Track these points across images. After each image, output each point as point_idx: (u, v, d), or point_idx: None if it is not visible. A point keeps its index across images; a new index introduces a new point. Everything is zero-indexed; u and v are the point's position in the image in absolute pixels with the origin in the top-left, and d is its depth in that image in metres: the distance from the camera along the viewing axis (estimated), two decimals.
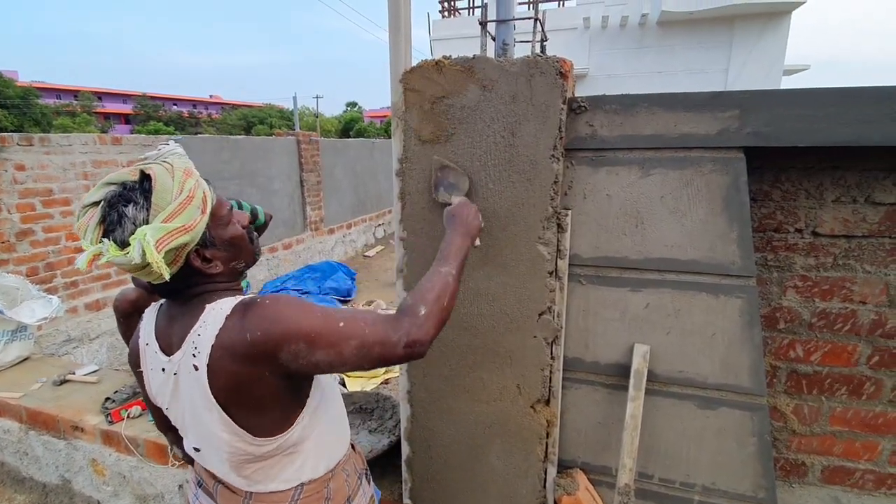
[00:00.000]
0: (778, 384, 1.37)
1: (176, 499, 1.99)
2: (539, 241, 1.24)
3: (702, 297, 1.23)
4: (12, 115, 27.46)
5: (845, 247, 1.25)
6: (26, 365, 2.58)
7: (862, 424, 1.32)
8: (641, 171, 1.21)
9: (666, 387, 1.30)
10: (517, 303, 1.29)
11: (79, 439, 2.12)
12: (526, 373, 1.33)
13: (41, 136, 3.46)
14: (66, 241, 3.71)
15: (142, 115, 41.93)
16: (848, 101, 1.03)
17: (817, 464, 1.38)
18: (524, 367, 1.33)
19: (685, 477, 1.34)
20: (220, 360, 0.79)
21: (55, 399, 2.25)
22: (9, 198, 3.30)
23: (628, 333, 1.30)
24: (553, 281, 1.27)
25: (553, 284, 1.27)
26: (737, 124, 1.12)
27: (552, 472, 1.39)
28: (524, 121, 1.18)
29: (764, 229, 1.30)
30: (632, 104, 1.18)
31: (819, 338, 1.31)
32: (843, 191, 1.22)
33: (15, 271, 3.28)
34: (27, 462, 2.27)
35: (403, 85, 1.26)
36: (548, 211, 1.22)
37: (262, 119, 43.30)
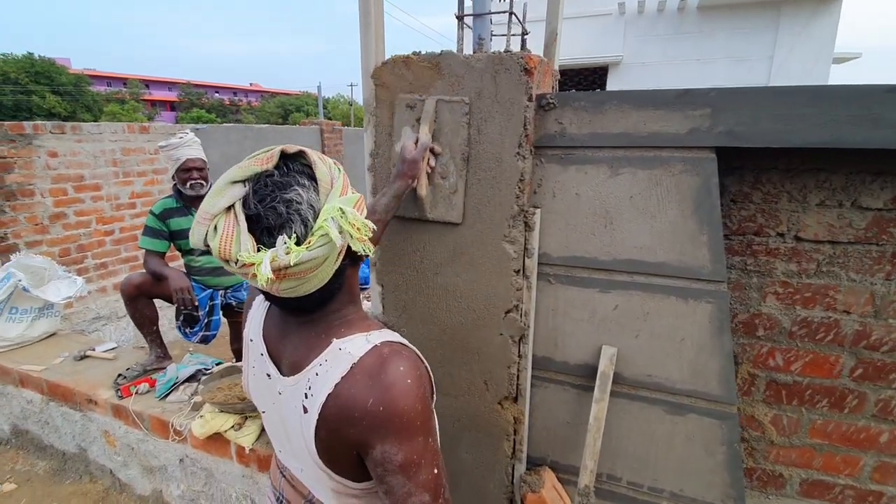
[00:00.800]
0: (756, 393, 1.32)
1: (177, 471, 2.11)
2: (505, 239, 1.24)
3: (671, 301, 1.19)
4: (65, 102, 28.98)
5: (829, 253, 1.18)
6: (52, 340, 2.76)
7: (843, 438, 1.26)
8: (611, 170, 1.18)
9: (634, 390, 1.28)
10: (484, 300, 1.30)
11: (93, 411, 2.27)
12: (493, 369, 1.34)
13: (73, 125, 3.65)
14: (96, 225, 3.92)
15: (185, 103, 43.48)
16: (821, 100, 0.97)
17: (795, 476, 1.33)
18: (491, 363, 1.33)
19: (653, 482, 1.32)
20: (331, 416, 0.66)
21: (74, 373, 2.41)
22: (42, 183, 3.51)
23: (597, 334, 1.28)
24: (520, 279, 1.26)
25: (520, 283, 1.26)
26: (708, 123, 1.07)
27: (520, 469, 1.40)
28: (489, 118, 1.17)
29: (744, 232, 1.25)
30: (601, 101, 1.15)
31: (800, 347, 1.25)
32: (829, 194, 1.15)
33: (48, 252, 3.51)
34: (48, 431, 2.45)
35: (374, 81, 1.27)
36: (513, 209, 1.21)
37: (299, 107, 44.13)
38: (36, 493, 2.31)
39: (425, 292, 1.36)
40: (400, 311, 1.40)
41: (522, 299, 1.27)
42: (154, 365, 2.37)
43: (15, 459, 2.54)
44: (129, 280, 2.27)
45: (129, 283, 2.26)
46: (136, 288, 2.25)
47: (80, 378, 2.36)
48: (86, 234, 3.85)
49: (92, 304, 3.87)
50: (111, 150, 3.93)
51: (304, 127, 6.40)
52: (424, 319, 1.38)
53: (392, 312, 1.41)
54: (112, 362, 2.52)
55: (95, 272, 3.93)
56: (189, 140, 2.36)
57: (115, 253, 4.10)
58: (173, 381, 2.21)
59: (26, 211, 3.45)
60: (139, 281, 2.26)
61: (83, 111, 29.23)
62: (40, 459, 2.49)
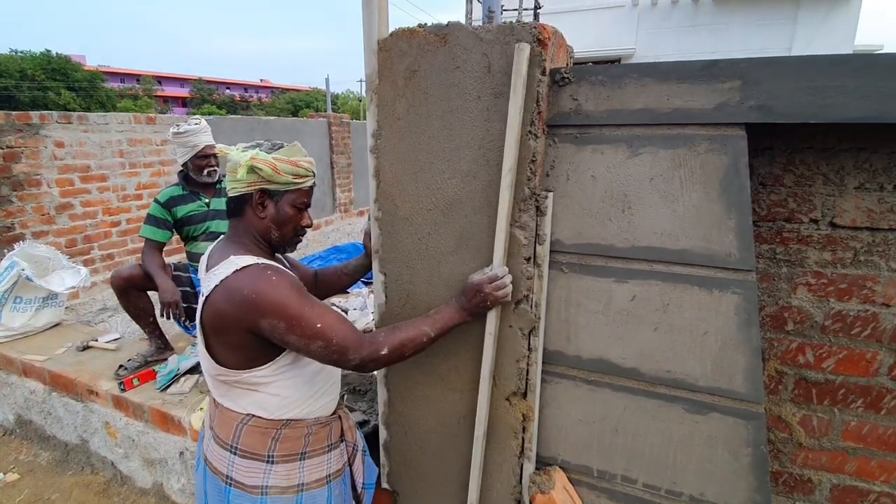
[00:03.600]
0: (784, 392, 1.24)
1: (178, 465, 2.07)
2: (515, 224, 1.16)
3: (693, 292, 1.11)
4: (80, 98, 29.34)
5: (868, 241, 1.09)
6: (56, 331, 2.75)
7: (879, 442, 1.17)
8: (630, 149, 1.10)
9: (652, 387, 1.20)
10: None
11: (94, 402, 2.24)
12: (501, 363, 1.27)
13: (79, 115, 3.64)
14: (102, 216, 3.91)
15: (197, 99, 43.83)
16: (866, 70, 0.88)
17: (825, 481, 1.24)
18: (500, 357, 1.26)
19: (671, 484, 1.23)
20: (216, 297, 1.02)
21: (76, 364, 2.39)
22: (49, 173, 3.50)
23: (612, 327, 1.20)
24: (531, 268, 1.19)
25: (531, 271, 1.19)
26: (738, 97, 0.99)
27: (528, 469, 1.33)
28: (500, 94, 1.09)
29: (773, 218, 1.16)
30: (620, 75, 1.06)
31: (833, 342, 1.16)
32: (869, 176, 1.06)
33: (54, 243, 3.50)
34: (51, 421, 2.43)
35: (377, 56, 1.19)
36: (524, 192, 1.14)
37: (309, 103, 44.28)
38: (38, 484, 2.29)
39: (430, 281, 1.28)
40: (403, 302, 1.33)
41: (533, 289, 1.19)
42: (155, 356, 2.33)
43: (18, 450, 2.52)
44: (118, 273, 2.22)
45: (118, 276, 2.21)
46: (125, 280, 2.20)
47: (82, 369, 2.34)
48: (92, 224, 3.84)
49: (98, 295, 3.86)
50: (117, 141, 3.91)
51: (312, 120, 6.36)
52: (429, 310, 1.30)
53: (395, 302, 1.35)
54: (114, 353, 2.50)
55: (102, 263, 3.92)
56: (204, 126, 2.31)
57: (122, 244, 4.09)
58: (174, 372, 2.17)
59: (33, 201, 3.45)
60: (128, 273, 2.21)
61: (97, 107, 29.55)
62: (43, 450, 2.48)
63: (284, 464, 1.14)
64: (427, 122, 1.18)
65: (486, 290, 1.12)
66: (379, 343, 1.04)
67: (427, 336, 1.09)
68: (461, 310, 1.14)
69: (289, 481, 1.14)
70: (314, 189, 1.19)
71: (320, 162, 6.39)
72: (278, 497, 1.12)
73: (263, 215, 1.12)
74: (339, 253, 5.85)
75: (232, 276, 1.01)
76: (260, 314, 0.97)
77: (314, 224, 6.29)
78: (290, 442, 1.14)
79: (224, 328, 1.02)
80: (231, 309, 0.99)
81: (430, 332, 1.10)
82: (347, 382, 2.05)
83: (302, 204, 1.15)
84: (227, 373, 1.08)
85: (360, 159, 7.18)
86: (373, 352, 1.03)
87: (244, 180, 1.08)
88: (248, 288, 0.98)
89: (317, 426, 1.19)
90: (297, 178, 1.11)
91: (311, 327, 0.99)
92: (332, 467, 1.22)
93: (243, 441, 1.12)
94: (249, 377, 1.08)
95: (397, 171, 1.25)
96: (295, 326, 0.98)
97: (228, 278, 1.01)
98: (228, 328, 1.02)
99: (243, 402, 1.12)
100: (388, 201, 1.28)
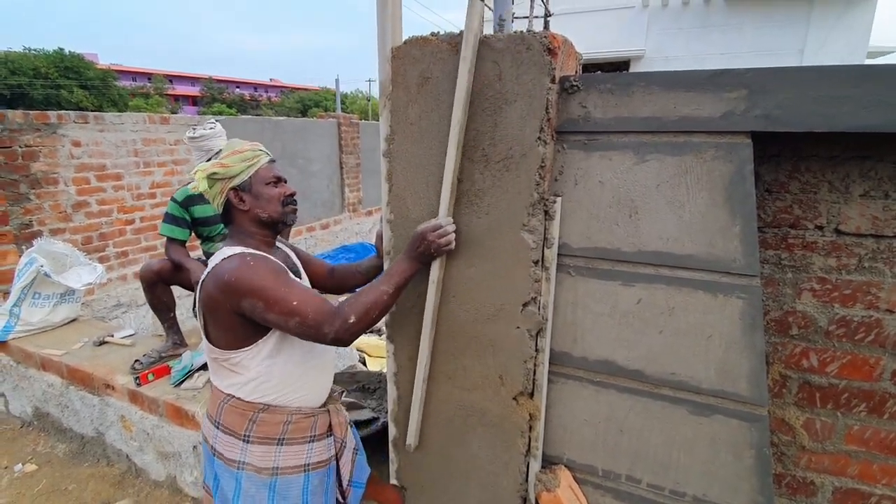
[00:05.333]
0: (787, 395, 1.25)
1: (191, 458, 2.12)
2: (524, 228, 1.19)
3: (698, 296, 1.13)
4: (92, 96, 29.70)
5: (873, 247, 1.11)
6: (73, 326, 2.81)
7: (882, 446, 1.18)
8: (637, 156, 1.12)
9: (657, 388, 1.22)
10: (500, 292, 1.25)
11: (110, 396, 2.30)
12: (509, 364, 1.29)
13: (95, 115, 3.71)
14: (117, 214, 3.99)
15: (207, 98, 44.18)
16: (870, 81, 0.90)
17: (828, 484, 1.26)
18: (507, 357, 1.29)
19: (675, 485, 1.26)
20: (207, 282, 1.14)
21: (92, 358, 2.45)
22: (66, 171, 3.58)
23: (618, 330, 1.23)
24: (539, 271, 1.21)
25: (538, 274, 1.22)
26: (744, 106, 1.01)
27: (535, 467, 1.36)
28: (510, 101, 1.12)
29: (779, 225, 1.18)
30: (627, 83, 1.09)
31: (837, 347, 1.18)
32: (874, 184, 1.08)
33: (71, 240, 3.57)
34: (68, 414, 2.49)
35: (391, 63, 1.23)
36: (533, 197, 1.16)
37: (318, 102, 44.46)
38: (56, 475, 2.35)
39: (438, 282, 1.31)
40: (412, 303, 1.37)
41: (541, 292, 1.22)
42: (170, 352, 2.38)
43: (36, 441, 2.59)
44: (149, 266, 2.28)
45: (148, 269, 2.27)
46: (155, 274, 2.26)
47: (98, 363, 2.39)
48: (107, 222, 3.91)
49: (112, 292, 3.94)
50: (132, 140, 3.99)
51: (322, 121, 6.42)
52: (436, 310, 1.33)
53: (403, 303, 1.38)
54: (130, 348, 2.55)
55: (116, 260, 4.00)
56: (219, 130, 2.34)
57: (136, 242, 4.17)
58: (188, 368, 2.22)
59: (50, 199, 3.52)
60: (158, 267, 2.27)
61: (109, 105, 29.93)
62: (60, 442, 2.54)
63: (261, 445, 1.21)
64: (439, 128, 1.21)
65: (429, 238, 1.17)
66: (346, 312, 1.09)
67: (386, 293, 1.15)
68: (409, 259, 1.20)
69: (264, 462, 1.21)
70: (275, 163, 1.28)
71: (329, 161, 6.45)
72: (254, 474, 1.20)
73: (246, 207, 1.22)
74: (347, 252, 5.91)
75: (219, 263, 1.13)
76: (241, 295, 1.08)
77: (323, 223, 6.38)
78: (266, 426, 1.21)
79: (213, 310, 1.13)
80: (217, 292, 1.10)
81: (389, 290, 1.15)
82: (358, 380, 2.08)
83: (272, 179, 1.24)
84: (216, 351, 1.19)
85: (369, 159, 7.23)
86: (343, 321, 1.08)
87: (213, 191, 1.20)
88: (228, 273, 1.09)
89: (298, 416, 1.24)
90: (249, 161, 1.21)
91: (287, 305, 1.07)
92: (313, 458, 1.26)
93: (224, 418, 1.22)
94: (233, 357, 1.17)
95: (409, 175, 1.28)
96: (273, 305, 1.07)
97: (216, 265, 1.13)
98: (216, 310, 1.13)
99: (226, 382, 1.22)
100: (400, 204, 1.31)
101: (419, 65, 1.19)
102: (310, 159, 6.07)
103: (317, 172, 6.22)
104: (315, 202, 6.17)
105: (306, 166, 6.02)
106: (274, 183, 1.24)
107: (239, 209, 1.22)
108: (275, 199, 1.23)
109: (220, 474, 1.24)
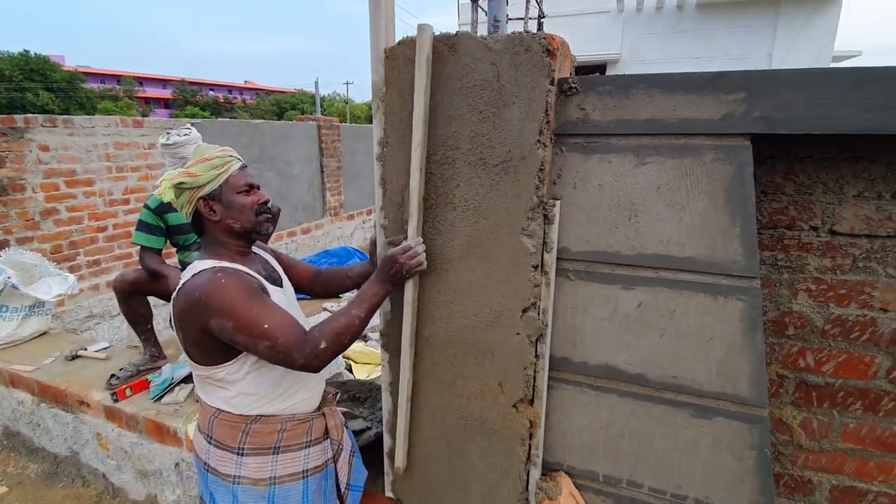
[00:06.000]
0: (784, 395, 1.26)
1: (173, 476, 2.03)
2: (523, 232, 1.17)
3: (699, 298, 1.13)
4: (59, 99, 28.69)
5: (867, 247, 1.12)
6: (43, 339, 2.68)
7: (877, 443, 1.20)
8: (636, 159, 1.11)
9: (658, 392, 1.21)
10: (500, 297, 1.23)
11: (85, 413, 2.19)
12: (508, 371, 1.27)
13: (64, 118, 3.55)
14: (88, 221, 3.83)
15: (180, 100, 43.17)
16: (867, 83, 0.90)
17: (825, 482, 1.27)
18: (506, 364, 1.27)
19: (676, 488, 1.25)
20: (177, 299, 1.10)
21: (65, 374, 2.33)
22: (33, 177, 3.41)
23: (619, 334, 1.22)
24: (538, 275, 1.19)
25: (538, 279, 1.19)
26: (743, 108, 1.01)
27: (535, 475, 1.33)
28: (508, 103, 1.10)
29: (775, 226, 1.18)
30: (627, 85, 1.08)
31: (833, 347, 1.19)
32: (867, 185, 1.09)
33: (39, 249, 3.41)
34: (39, 433, 2.37)
35: (384, 63, 1.19)
36: (533, 201, 1.14)
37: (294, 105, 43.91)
38: (28, 497, 2.23)
39: (436, 288, 1.28)
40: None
41: (541, 297, 1.20)
42: (148, 365, 2.29)
43: (6, 462, 2.45)
44: (124, 276, 2.18)
45: (123, 280, 2.17)
46: (130, 285, 2.16)
47: (71, 379, 2.28)
48: (78, 230, 3.75)
49: (84, 303, 3.78)
50: (104, 145, 3.83)
51: (301, 123, 6.31)
52: (434, 317, 1.30)
53: (399, 310, 1.34)
54: (105, 362, 2.44)
55: (88, 269, 3.83)
56: (195, 136, 2.24)
57: (109, 250, 4.01)
58: (168, 381, 2.13)
59: (17, 206, 3.36)
60: (134, 277, 2.17)
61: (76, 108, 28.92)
62: (32, 462, 2.41)
63: (255, 456, 1.18)
64: (433, 131, 1.18)
65: (400, 261, 1.15)
66: (316, 338, 1.06)
67: (358, 318, 1.12)
68: (382, 282, 1.17)
69: (260, 473, 1.18)
70: (248, 169, 1.23)
71: (310, 165, 6.35)
72: (250, 488, 1.18)
73: (217, 217, 1.16)
74: (330, 257, 5.81)
75: (189, 279, 1.08)
76: (209, 314, 1.03)
77: (304, 228, 6.27)
78: (260, 436, 1.18)
79: (184, 327, 1.10)
80: (186, 309, 1.06)
81: (361, 314, 1.12)
82: (347, 390, 2.03)
83: (244, 187, 1.18)
84: (198, 368, 1.15)
85: (350, 163, 7.15)
86: (313, 348, 1.05)
87: (181, 201, 1.15)
88: (199, 290, 1.04)
89: (293, 423, 1.22)
90: (218, 170, 1.15)
91: (258, 328, 1.03)
92: (311, 463, 1.24)
93: (216, 432, 1.19)
94: (215, 373, 1.14)
95: (403, 179, 1.24)
96: (242, 327, 1.02)
97: (186, 281, 1.08)
98: (187, 327, 1.09)
99: (213, 397, 1.19)
100: (394, 209, 1.28)
101: (413, 66, 1.16)
102: (289, 162, 5.96)
103: (297, 176, 6.11)
104: (296, 206, 6.06)
105: (286, 170, 5.90)
106: (246, 191, 1.18)
107: (210, 219, 1.17)
108: (247, 209, 1.18)
109: (214, 490, 1.20)
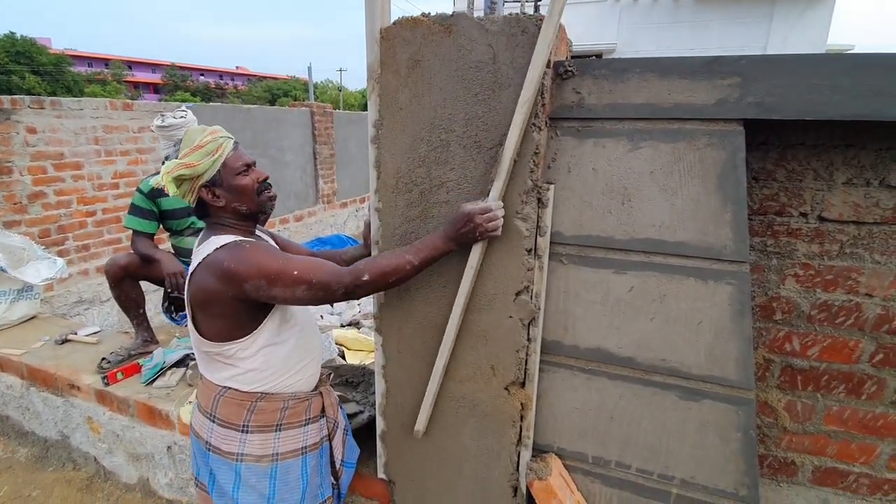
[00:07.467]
0: (770, 378, 1.29)
1: (165, 459, 2.03)
2: (517, 216, 1.17)
3: (689, 283, 1.14)
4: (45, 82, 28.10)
5: (854, 234, 1.14)
6: (32, 324, 2.65)
7: (860, 425, 1.23)
8: (630, 143, 1.12)
9: (647, 375, 1.23)
10: (493, 281, 1.23)
11: (75, 397, 2.18)
12: (501, 354, 1.28)
13: (52, 100, 3.49)
14: (77, 205, 3.78)
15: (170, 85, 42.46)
16: (861, 70, 0.91)
17: (808, 463, 1.30)
18: (499, 347, 1.28)
19: (664, 469, 1.28)
20: (199, 274, 1.11)
21: (55, 357, 2.31)
22: (20, 160, 3.35)
23: (610, 318, 1.23)
24: (532, 259, 1.20)
25: (531, 263, 1.20)
26: (737, 94, 1.01)
27: (526, 456, 1.35)
28: (504, 85, 1.10)
29: (765, 212, 1.20)
30: (622, 69, 1.08)
31: (818, 331, 1.22)
32: (856, 172, 1.10)
33: (27, 233, 3.36)
34: (29, 417, 2.35)
35: (379, 44, 1.18)
36: (527, 184, 1.15)
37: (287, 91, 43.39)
38: (18, 481, 2.22)
39: (428, 271, 1.28)
40: (402, 291, 1.33)
41: (534, 280, 1.21)
42: (140, 349, 2.28)
43: None
44: (115, 261, 2.16)
45: (114, 264, 2.15)
46: (122, 269, 2.14)
47: (61, 363, 2.27)
48: (66, 214, 3.70)
49: (73, 287, 3.74)
50: (92, 128, 3.77)
51: (294, 109, 6.24)
52: (428, 300, 1.31)
53: (393, 293, 1.35)
54: (95, 346, 2.43)
55: (77, 254, 3.79)
56: (191, 119, 2.20)
57: (98, 235, 3.96)
58: (160, 365, 2.12)
59: (4, 189, 3.30)
60: (125, 262, 2.15)
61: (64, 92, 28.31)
62: (21, 446, 2.40)
63: (259, 433, 1.21)
64: (430, 113, 1.18)
65: (476, 221, 1.08)
66: (360, 270, 1.08)
67: (410, 264, 1.09)
68: (448, 239, 1.11)
69: (263, 450, 1.21)
70: (240, 146, 1.22)
71: (302, 152, 6.29)
72: (254, 464, 1.20)
73: (222, 203, 1.18)
74: (323, 244, 5.79)
75: (213, 253, 1.10)
76: (242, 279, 1.06)
77: (297, 215, 6.23)
78: (265, 414, 1.21)
79: (209, 301, 1.10)
80: (214, 282, 1.08)
81: (414, 261, 1.10)
82: (341, 374, 2.04)
83: (242, 167, 1.18)
84: (209, 345, 1.16)
85: (344, 150, 7.10)
86: (355, 278, 1.07)
87: (182, 191, 1.16)
88: (227, 260, 1.07)
89: (294, 401, 1.25)
90: (213, 155, 1.14)
91: (289, 276, 1.06)
92: (309, 440, 1.28)
93: (220, 411, 1.20)
94: (228, 349, 1.15)
95: (399, 161, 1.24)
96: (276, 280, 1.06)
97: (209, 256, 1.10)
98: (213, 300, 1.10)
99: (221, 374, 1.20)
100: (389, 192, 1.27)
101: (410, 47, 1.15)
102: (282, 149, 5.91)
103: (290, 163, 6.06)
104: (288, 193, 6.02)
105: (279, 156, 5.85)
106: (244, 171, 1.19)
107: (213, 204, 1.18)
108: (250, 190, 1.19)
109: (215, 468, 1.22)
